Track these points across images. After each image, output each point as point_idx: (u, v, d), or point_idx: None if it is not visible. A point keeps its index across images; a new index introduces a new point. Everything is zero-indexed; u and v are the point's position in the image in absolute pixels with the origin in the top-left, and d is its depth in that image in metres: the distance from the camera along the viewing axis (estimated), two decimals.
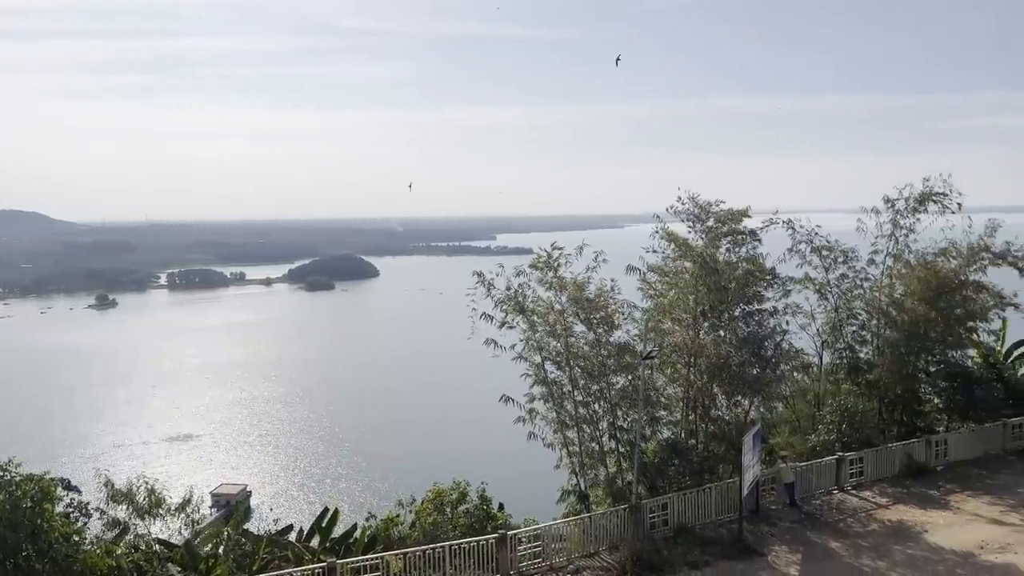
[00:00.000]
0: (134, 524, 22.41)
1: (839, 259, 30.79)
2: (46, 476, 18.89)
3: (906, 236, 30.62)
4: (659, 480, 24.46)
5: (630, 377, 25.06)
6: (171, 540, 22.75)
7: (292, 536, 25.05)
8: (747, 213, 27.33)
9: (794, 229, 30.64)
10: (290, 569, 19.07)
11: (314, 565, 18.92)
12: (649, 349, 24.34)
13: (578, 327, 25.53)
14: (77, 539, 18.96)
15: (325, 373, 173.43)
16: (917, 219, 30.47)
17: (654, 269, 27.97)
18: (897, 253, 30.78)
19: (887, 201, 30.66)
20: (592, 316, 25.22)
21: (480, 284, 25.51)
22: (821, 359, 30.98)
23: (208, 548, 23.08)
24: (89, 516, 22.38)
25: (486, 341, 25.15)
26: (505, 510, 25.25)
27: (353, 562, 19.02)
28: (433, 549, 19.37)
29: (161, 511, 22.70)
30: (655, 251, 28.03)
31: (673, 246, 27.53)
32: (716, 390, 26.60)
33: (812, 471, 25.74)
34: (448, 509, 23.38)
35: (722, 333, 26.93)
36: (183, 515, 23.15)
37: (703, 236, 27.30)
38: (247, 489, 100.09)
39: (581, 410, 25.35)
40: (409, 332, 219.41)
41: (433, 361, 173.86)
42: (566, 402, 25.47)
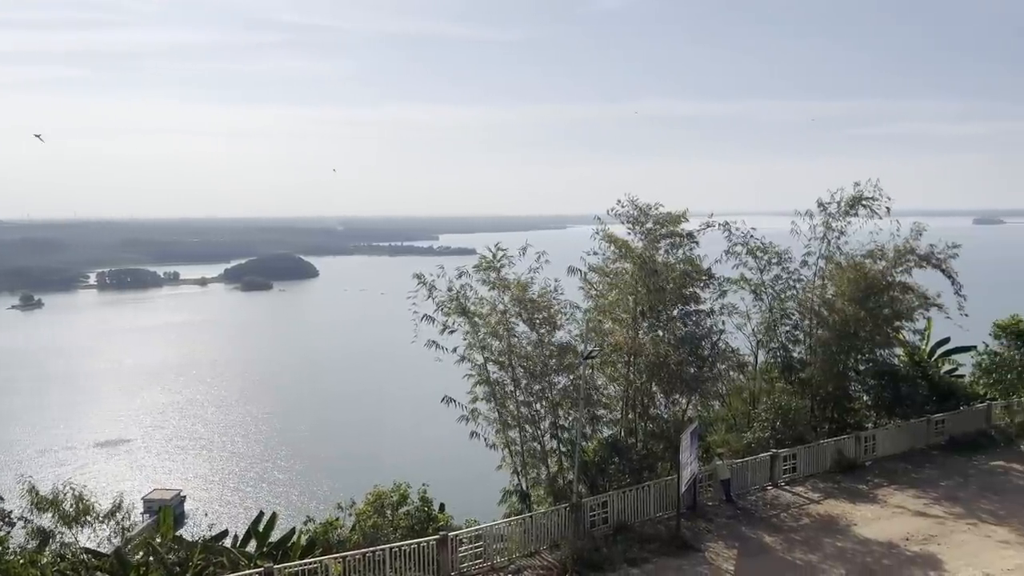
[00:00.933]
0: (60, 532, 21.57)
1: (773, 261, 31.55)
2: None
3: (837, 238, 31.56)
4: (600, 479, 24.70)
5: (571, 377, 25.25)
6: (100, 548, 21.98)
7: (227, 542, 24.48)
8: (685, 216, 27.88)
9: (730, 231, 31.29)
10: (226, 575, 18.63)
11: (251, 571, 18.52)
12: (590, 349, 24.54)
13: (520, 327, 25.61)
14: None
15: (262, 375, 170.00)
16: (848, 222, 31.46)
17: (595, 270, 28.26)
18: (829, 255, 31.70)
19: (820, 205, 31.60)
20: (535, 316, 25.33)
21: (421, 286, 25.38)
22: (756, 358, 31.74)
23: (139, 556, 22.38)
24: (12, 525, 21.47)
25: (427, 344, 25.04)
26: (447, 511, 25.14)
27: (291, 567, 18.70)
28: (373, 552, 19.19)
29: (89, 518, 21.87)
30: (596, 253, 28.36)
31: (613, 248, 27.87)
32: (655, 389, 27.04)
33: (747, 468, 26.34)
34: (389, 511, 23.13)
35: (661, 333, 27.37)
36: (113, 522, 22.34)
37: (642, 238, 27.72)
38: (181, 494, 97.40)
39: (523, 410, 25.44)
40: (349, 333, 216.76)
41: (374, 362, 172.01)
42: (508, 402, 25.52)
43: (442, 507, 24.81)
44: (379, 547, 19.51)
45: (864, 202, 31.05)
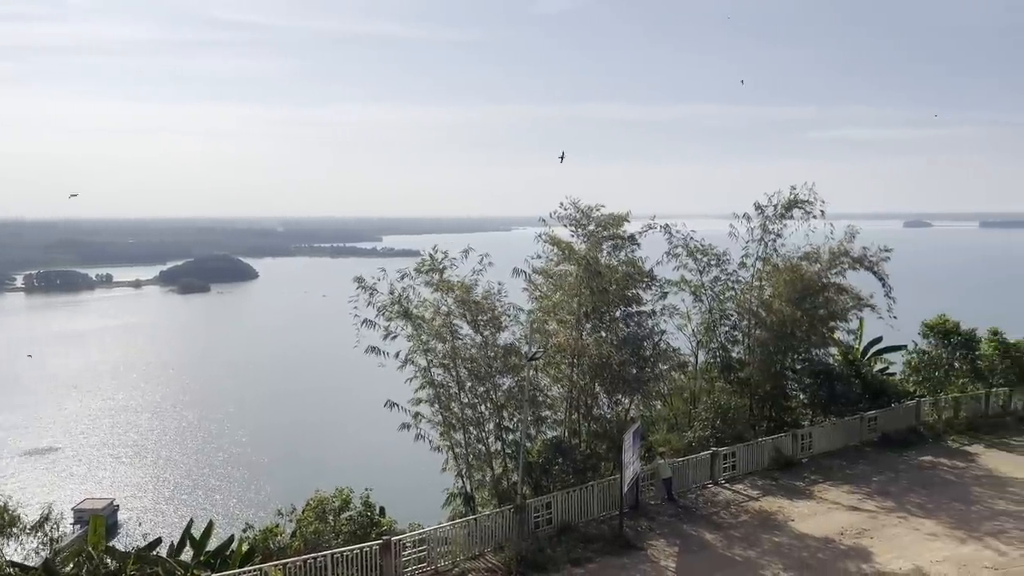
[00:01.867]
0: None
1: (713, 262, 32.09)
2: None
3: (774, 241, 32.27)
4: (544, 479, 24.76)
5: (516, 378, 25.27)
6: (26, 562, 21.08)
7: (163, 551, 23.72)
8: (627, 218, 28.15)
9: (671, 233, 31.72)
10: None
11: None
12: (534, 350, 24.61)
13: (465, 329, 25.50)
14: None
15: (199, 380, 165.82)
16: (784, 225, 32.17)
17: (539, 272, 28.34)
18: (766, 257, 32.38)
19: (757, 207, 32.23)
20: (479, 318, 25.24)
21: (361, 290, 25.06)
22: (696, 358, 32.23)
23: (70, 568, 21.54)
24: None
25: (368, 349, 24.73)
26: (390, 516, 24.88)
27: (230, 575, 18.25)
28: (314, 558, 18.87)
29: (15, 530, 20.93)
30: (540, 255, 28.44)
31: (556, 250, 28.00)
32: (598, 389, 27.22)
33: (688, 466, 26.73)
34: (330, 517, 22.77)
35: (604, 334, 27.58)
36: (41, 533, 21.44)
37: (585, 240, 27.91)
38: (114, 503, 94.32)
39: (468, 412, 25.33)
40: (290, 336, 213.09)
41: (315, 366, 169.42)
42: (452, 404, 25.37)
43: (383, 511, 24.55)
44: (320, 553, 19.20)
45: (799, 205, 31.80)
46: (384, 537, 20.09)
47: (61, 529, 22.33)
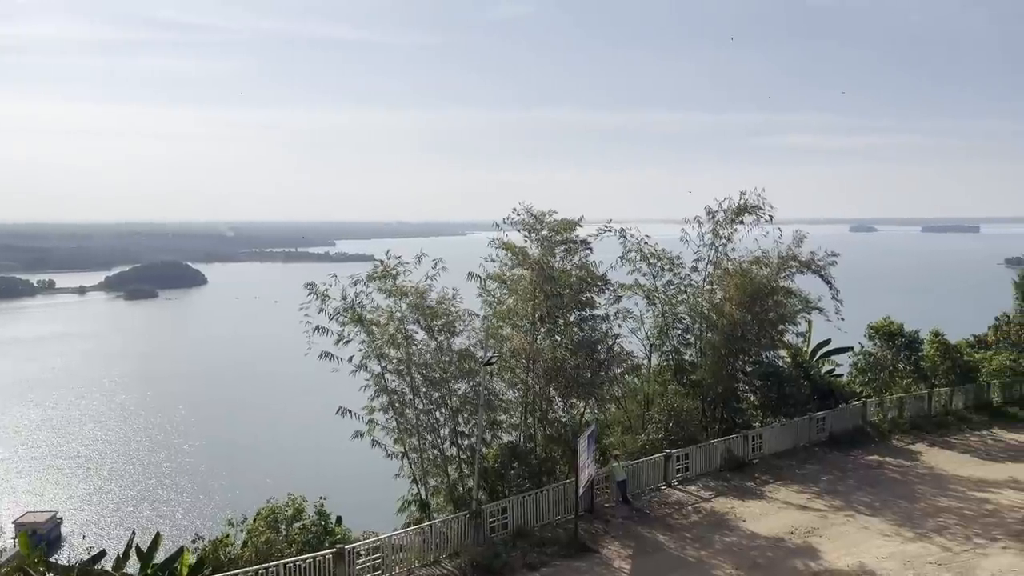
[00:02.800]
0: None
1: (666, 266, 32.38)
2: None
3: (725, 245, 32.72)
4: (499, 484, 24.74)
5: (471, 383, 25.20)
6: None
7: (108, 564, 23.03)
8: (579, 223, 28.36)
9: (625, 238, 31.98)
10: None
11: None
12: (489, 355, 24.58)
13: (419, 335, 25.36)
14: None
15: (146, 388, 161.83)
16: (735, 229, 32.60)
17: (493, 277, 28.34)
18: (717, 261, 32.82)
19: (708, 212, 32.66)
20: (433, 323, 25.14)
21: (313, 296, 24.75)
22: (650, 361, 32.52)
23: None
24: None
25: (322, 355, 24.42)
26: (344, 524, 24.59)
27: None
28: (266, 568, 18.53)
29: None
30: (493, 260, 28.45)
31: (510, 255, 28.04)
32: (553, 393, 27.31)
33: (642, 468, 26.94)
34: (283, 526, 22.41)
35: (558, 338, 27.71)
36: None
37: (539, 245, 28.01)
38: (57, 517, 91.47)
39: (423, 418, 25.18)
40: (241, 343, 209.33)
41: (267, 374, 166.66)
42: (407, 411, 25.21)
43: (339, 520, 24.23)
44: (272, 563, 18.86)
45: (749, 211, 32.31)
46: (338, 546, 19.82)
47: (1, 544, 21.60)
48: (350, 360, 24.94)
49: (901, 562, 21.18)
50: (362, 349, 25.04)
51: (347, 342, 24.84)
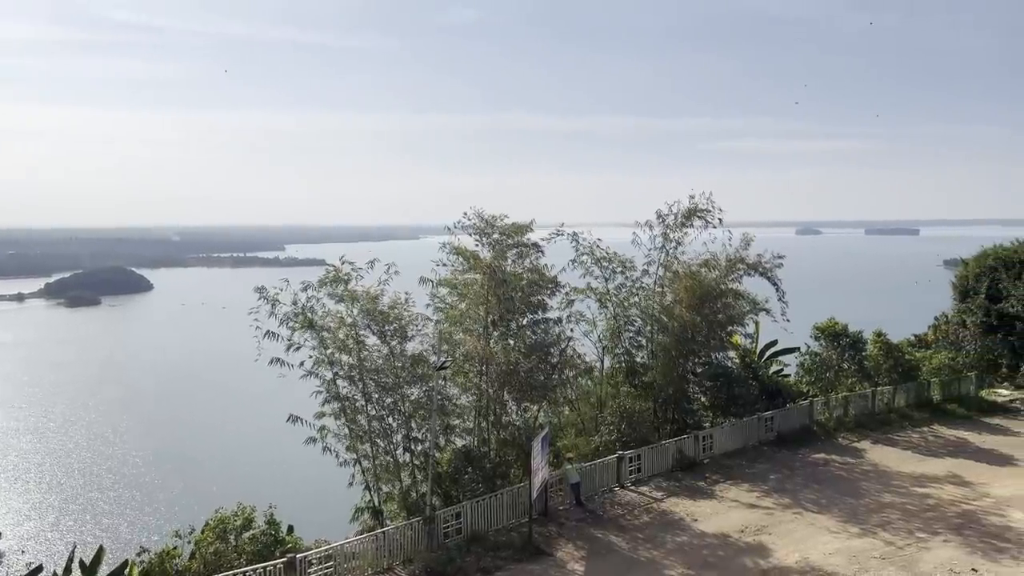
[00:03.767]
0: None
1: (617, 270, 32.65)
2: None
3: (675, 248, 33.09)
4: (453, 489, 24.62)
5: (424, 388, 25.08)
6: None
7: None
8: (530, 226, 28.46)
9: (577, 242, 32.17)
10: None
11: None
12: (442, 360, 24.48)
13: (371, 340, 25.15)
14: None
15: (88, 398, 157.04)
16: (685, 233, 32.97)
17: (445, 282, 28.25)
18: (667, 264, 33.18)
19: (658, 216, 33.02)
20: (385, 328, 24.96)
21: (263, 300, 24.35)
22: (602, 363, 32.73)
23: None
24: None
25: (272, 361, 24.05)
26: (296, 533, 24.21)
27: None
28: None
29: None
30: (445, 264, 28.37)
31: (461, 259, 28.00)
32: (506, 397, 27.31)
33: (596, 470, 27.10)
34: (232, 536, 21.95)
35: (511, 341, 27.72)
36: None
37: (490, 249, 28.02)
38: None
39: (375, 424, 24.97)
40: (187, 350, 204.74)
41: (215, 381, 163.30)
42: (359, 417, 24.95)
43: (291, 529, 23.84)
44: (222, 574, 18.51)
45: (699, 214, 32.77)
46: (289, 555, 19.51)
47: None
48: (301, 366, 24.59)
49: (847, 557, 21.68)
50: (313, 355, 24.73)
51: (298, 348, 24.53)
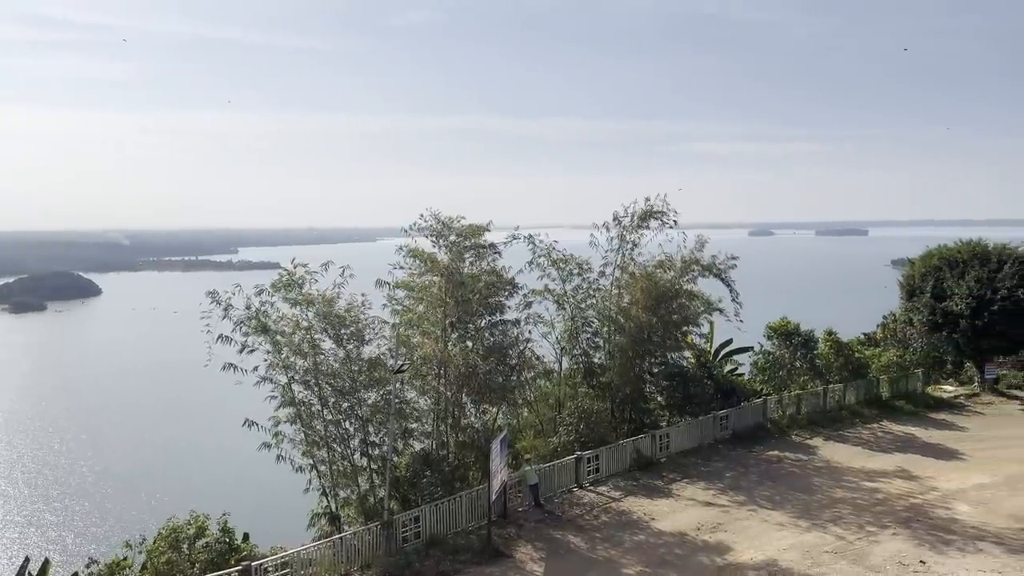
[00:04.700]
0: None
1: (575, 271, 32.79)
2: None
3: (631, 250, 33.38)
4: (412, 493, 24.47)
5: (382, 392, 24.89)
6: None
7: None
8: (487, 228, 28.45)
9: (535, 244, 32.25)
10: None
11: None
12: (400, 363, 24.33)
13: (327, 344, 24.87)
14: None
15: (31, 407, 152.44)
16: (641, 234, 33.27)
17: (402, 285, 28.09)
18: (624, 265, 33.45)
19: (615, 218, 33.27)
20: (341, 332, 24.71)
21: (215, 304, 23.93)
22: (561, 365, 32.88)
23: None
24: None
25: (225, 366, 23.63)
26: (251, 541, 23.84)
27: None
28: None
29: None
30: (402, 267, 28.21)
31: (418, 261, 27.86)
32: (465, 399, 27.27)
33: (554, 471, 27.19)
34: (185, 545, 21.51)
35: (469, 344, 27.67)
36: None
37: (447, 251, 27.94)
38: None
39: (331, 429, 24.70)
40: (137, 356, 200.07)
41: (165, 387, 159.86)
42: (315, 422, 24.67)
43: (246, 536, 23.48)
44: None
45: (654, 216, 33.09)
46: (244, 563, 19.18)
47: None
48: (255, 371, 24.24)
49: (800, 552, 22.09)
50: (267, 359, 24.39)
51: (251, 352, 24.15)
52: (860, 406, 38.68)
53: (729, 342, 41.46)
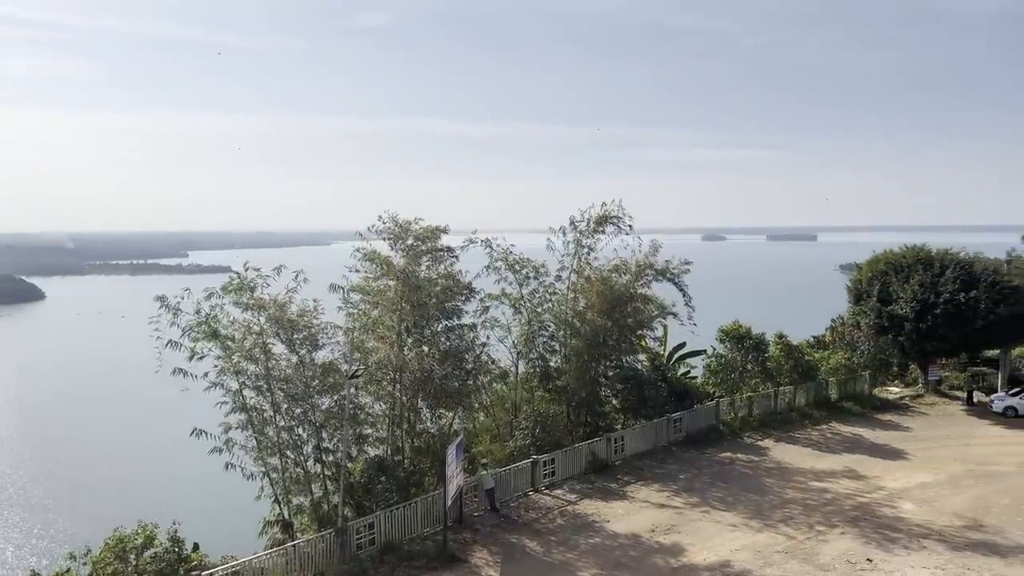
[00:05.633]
0: None
1: (531, 275, 32.89)
2: None
3: (587, 254, 33.55)
4: (366, 499, 24.26)
5: (336, 397, 24.60)
6: None
7: None
8: (445, 230, 28.34)
9: (491, 247, 32.25)
10: None
11: None
12: (354, 368, 24.08)
13: (279, 349, 24.49)
14: None
15: None
16: (596, 239, 33.49)
17: (357, 289, 27.82)
18: (580, 270, 33.61)
19: (572, 223, 33.43)
20: (294, 337, 24.36)
21: (164, 309, 23.41)
22: (517, 368, 32.93)
23: None
24: None
25: (174, 372, 23.12)
26: (201, 550, 23.33)
27: None
28: None
29: None
30: (358, 270, 27.95)
31: (374, 265, 27.63)
32: (421, 404, 27.14)
33: (510, 475, 27.19)
34: (132, 556, 20.96)
35: (425, 348, 27.55)
36: None
37: (404, 254, 27.77)
38: None
39: (284, 435, 24.34)
40: (82, 362, 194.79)
41: (111, 393, 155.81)
42: (268, 428, 24.28)
43: (196, 546, 22.96)
44: None
45: (610, 221, 33.34)
46: (193, 573, 18.78)
47: None
48: (205, 376, 23.76)
49: (752, 553, 22.43)
50: (218, 365, 23.93)
51: (201, 358, 23.67)
52: (810, 408, 39.45)
53: (683, 345, 41.95)
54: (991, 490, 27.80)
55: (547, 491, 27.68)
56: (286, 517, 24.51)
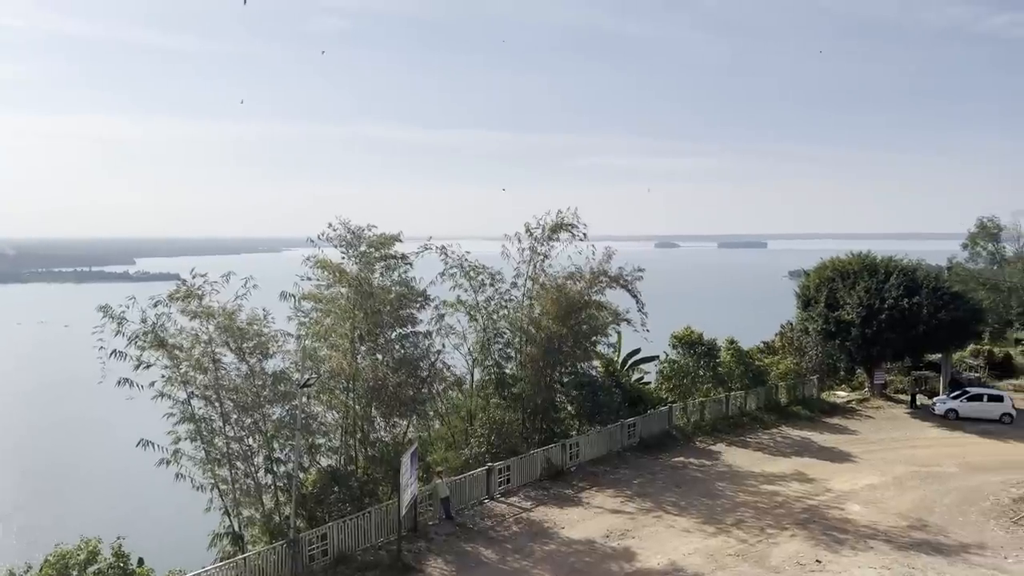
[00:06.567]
0: None
1: (486, 282, 32.87)
2: None
3: (542, 261, 33.66)
4: (319, 510, 23.93)
5: (287, 407, 24.21)
6: None
7: None
8: (398, 238, 28.12)
9: (446, 254, 32.14)
10: None
11: None
12: (306, 377, 23.74)
13: (229, 358, 24.02)
14: None
15: None
16: (551, 246, 33.61)
17: (309, 296, 27.44)
18: (535, 276, 33.70)
19: (527, 230, 33.51)
20: (243, 345, 23.93)
21: (108, 318, 22.80)
22: (473, 376, 32.84)
23: None
24: None
25: (119, 382, 22.50)
26: (147, 564, 22.78)
27: None
28: None
29: None
30: (309, 278, 27.57)
31: (326, 272, 27.29)
32: (375, 413, 26.85)
33: (465, 483, 27.08)
34: (75, 573, 20.37)
35: (379, 356, 27.27)
36: None
37: (357, 261, 27.49)
38: None
39: (234, 446, 23.87)
40: (22, 373, 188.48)
41: (53, 404, 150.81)
42: (216, 439, 23.78)
43: (141, 561, 22.42)
44: None
45: (565, 228, 33.51)
46: None
47: None
48: (152, 386, 23.19)
49: (705, 556, 22.69)
50: (165, 375, 23.38)
51: (148, 367, 23.09)
52: (760, 412, 40.12)
53: (636, 351, 42.31)
54: (934, 491, 28.60)
55: (502, 498, 27.63)
56: (236, 529, 24.02)
